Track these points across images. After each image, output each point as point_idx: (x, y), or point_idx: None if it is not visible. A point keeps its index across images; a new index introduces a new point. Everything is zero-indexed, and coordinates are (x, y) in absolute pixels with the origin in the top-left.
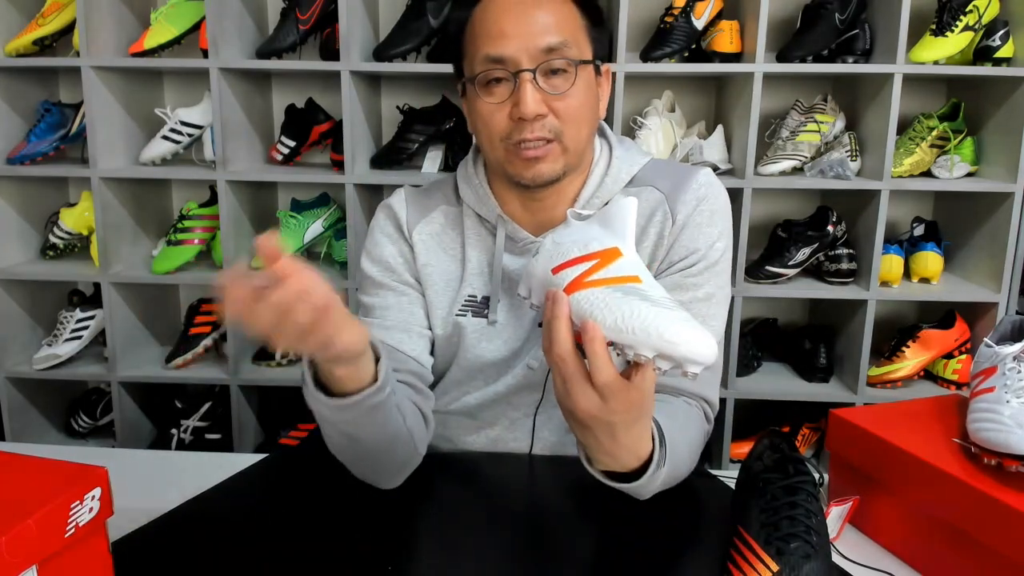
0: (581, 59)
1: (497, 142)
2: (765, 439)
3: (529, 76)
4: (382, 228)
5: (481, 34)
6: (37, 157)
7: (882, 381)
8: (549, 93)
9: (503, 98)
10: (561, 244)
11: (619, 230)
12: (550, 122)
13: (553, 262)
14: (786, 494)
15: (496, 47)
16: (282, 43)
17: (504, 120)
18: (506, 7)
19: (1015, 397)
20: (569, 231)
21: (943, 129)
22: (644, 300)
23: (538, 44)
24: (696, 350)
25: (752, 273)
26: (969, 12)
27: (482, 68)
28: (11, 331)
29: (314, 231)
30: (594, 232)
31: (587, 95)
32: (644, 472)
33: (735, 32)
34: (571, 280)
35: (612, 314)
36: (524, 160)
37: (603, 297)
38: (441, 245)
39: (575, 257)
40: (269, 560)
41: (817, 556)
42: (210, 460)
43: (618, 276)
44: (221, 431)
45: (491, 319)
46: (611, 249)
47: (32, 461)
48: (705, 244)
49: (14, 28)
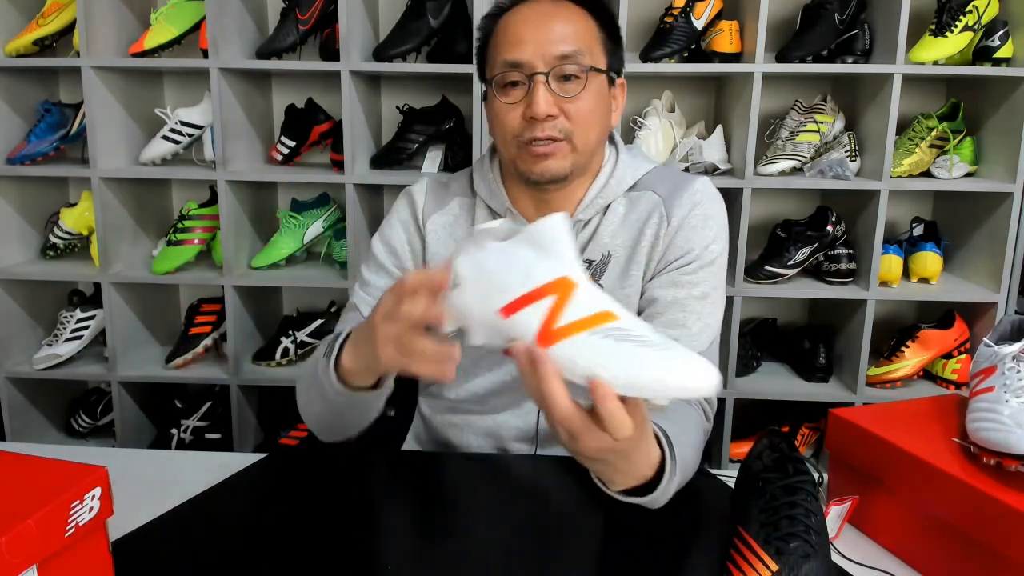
0: (593, 66)
1: (510, 139)
2: (765, 439)
3: (542, 79)
4: (399, 214)
5: (502, 41)
6: (37, 157)
7: (881, 381)
8: (561, 96)
9: (518, 99)
10: (491, 273)
11: (557, 251)
12: (560, 123)
13: (494, 300)
14: (786, 494)
15: (514, 52)
16: (282, 43)
17: (518, 119)
18: (527, 18)
19: (1014, 397)
20: (490, 255)
21: (942, 129)
22: (639, 344)
23: (553, 51)
24: (708, 385)
25: (752, 273)
26: (968, 12)
27: (500, 71)
28: (11, 331)
29: (314, 231)
30: (526, 256)
31: (598, 101)
32: (659, 481)
33: (735, 32)
34: (538, 329)
35: (614, 369)
36: (534, 156)
37: (592, 347)
38: (452, 236)
39: (523, 295)
40: (269, 560)
41: (816, 556)
42: (210, 460)
43: (590, 315)
44: (221, 431)
45: None
46: (562, 280)
47: (32, 461)
48: (700, 245)
49: (14, 28)
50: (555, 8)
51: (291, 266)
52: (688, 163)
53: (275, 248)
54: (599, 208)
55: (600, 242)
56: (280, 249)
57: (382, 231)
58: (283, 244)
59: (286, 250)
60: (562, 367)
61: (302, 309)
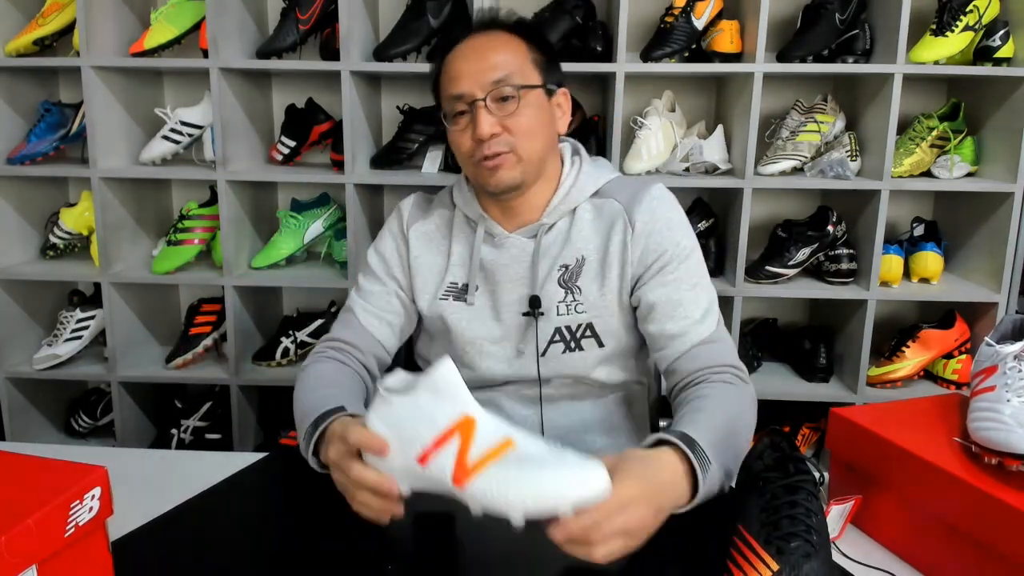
0: (524, 84)
1: (467, 160)
2: (765, 438)
3: (482, 104)
4: (390, 227)
5: (447, 79)
6: (37, 157)
7: (882, 381)
8: (500, 116)
9: (466, 125)
10: (402, 426)
11: (454, 395)
12: (505, 138)
13: (410, 451)
14: (786, 493)
15: (456, 87)
16: (282, 43)
17: (468, 142)
18: (463, 55)
19: (1016, 396)
20: (397, 409)
21: (943, 129)
22: (537, 466)
23: (487, 78)
24: (599, 488)
25: (752, 273)
26: (969, 12)
27: (448, 105)
28: (11, 331)
29: (314, 231)
30: (428, 405)
31: (536, 113)
32: (698, 485)
33: (735, 32)
34: (452, 470)
35: (522, 495)
36: (487, 171)
37: (500, 479)
38: (432, 241)
39: (433, 440)
40: (269, 560)
41: (817, 555)
42: (210, 460)
43: (494, 447)
44: (221, 431)
45: (469, 301)
46: (463, 418)
47: (32, 461)
48: (671, 245)
49: (14, 28)
50: (487, 40)
51: (291, 266)
52: (688, 163)
53: (275, 248)
54: (564, 212)
55: (573, 246)
56: (280, 249)
57: (375, 242)
58: (283, 244)
59: (286, 250)
60: (480, 501)
61: (302, 309)
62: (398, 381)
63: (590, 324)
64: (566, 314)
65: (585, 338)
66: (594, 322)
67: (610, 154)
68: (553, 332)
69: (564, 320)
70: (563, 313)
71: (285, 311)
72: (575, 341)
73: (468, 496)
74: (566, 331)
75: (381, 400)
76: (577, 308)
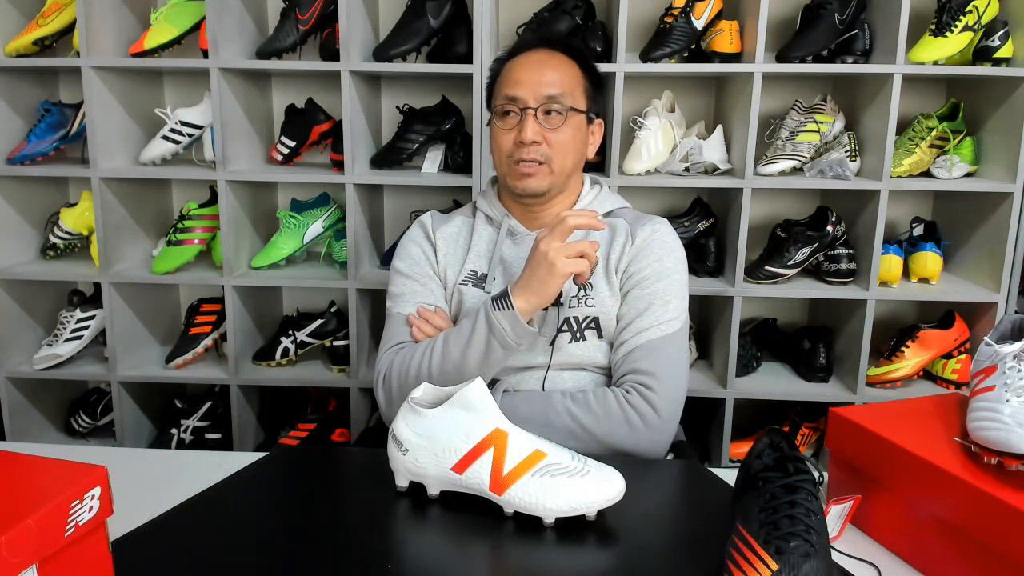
0: (572, 107)
1: (504, 158)
2: (765, 438)
3: (532, 112)
4: (412, 237)
5: (505, 81)
6: (37, 157)
7: (881, 381)
8: (545, 127)
9: (512, 126)
10: (436, 438)
11: (484, 409)
12: (543, 149)
13: (446, 460)
14: (786, 493)
15: (513, 90)
16: (282, 43)
17: (511, 142)
18: (527, 64)
19: (1015, 396)
20: (430, 422)
21: (942, 129)
22: (568, 475)
23: (543, 91)
24: (617, 492)
25: (751, 273)
26: (968, 12)
27: (501, 103)
28: (11, 331)
29: (314, 231)
30: (460, 419)
31: (575, 135)
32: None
33: (735, 32)
34: (489, 478)
35: (556, 502)
36: (520, 174)
37: (535, 487)
38: (456, 241)
39: (469, 451)
40: (269, 560)
41: (817, 555)
42: (210, 460)
43: (525, 458)
44: (221, 431)
45: (487, 288)
46: (496, 431)
47: (32, 461)
48: (656, 261)
49: (14, 28)
50: (549, 57)
51: (291, 266)
52: (688, 163)
53: (275, 248)
54: None
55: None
56: (280, 249)
57: (398, 255)
58: (283, 244)
59: (286, 250)
60: (515, 505)
61: (302, 309)
62: (426, 394)
63: (596, 318)
64: (577, 307)
65: (588, 329)
66: (600, 316)
67: (610, 154)
68: (562, 322)
69: (574, 312)
70: (574, 306)
71: (285, 311)
72: (580, 332)
73: (504, 501)
74: (574, 321)
75: (412, 411)
76: (587, 302)
